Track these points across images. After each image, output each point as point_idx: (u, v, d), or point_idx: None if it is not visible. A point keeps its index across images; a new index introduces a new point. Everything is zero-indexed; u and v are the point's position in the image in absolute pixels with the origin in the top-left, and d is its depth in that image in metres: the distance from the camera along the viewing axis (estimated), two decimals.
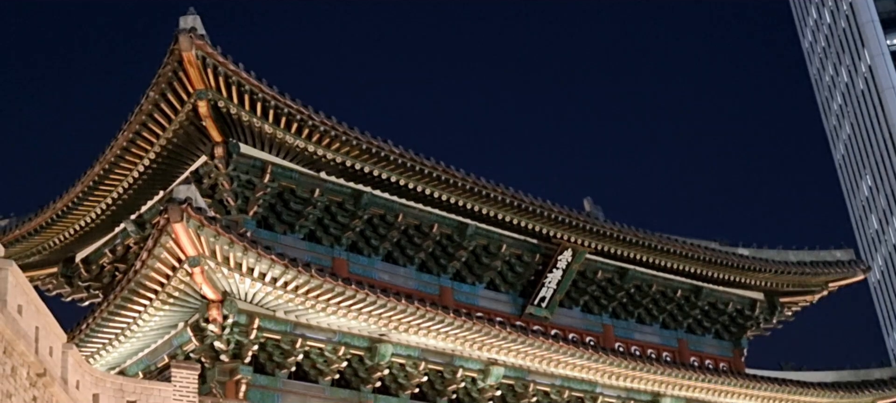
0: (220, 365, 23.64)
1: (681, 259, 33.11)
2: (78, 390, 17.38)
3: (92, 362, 24.53)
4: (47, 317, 15.83)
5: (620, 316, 33.90)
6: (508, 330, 26.12)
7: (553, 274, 31.23)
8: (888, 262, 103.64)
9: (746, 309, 36.45)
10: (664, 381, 30.01)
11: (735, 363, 36.13)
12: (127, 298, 22.86)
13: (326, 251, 27.69)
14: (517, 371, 28.22)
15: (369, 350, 25.74)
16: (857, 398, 34.96)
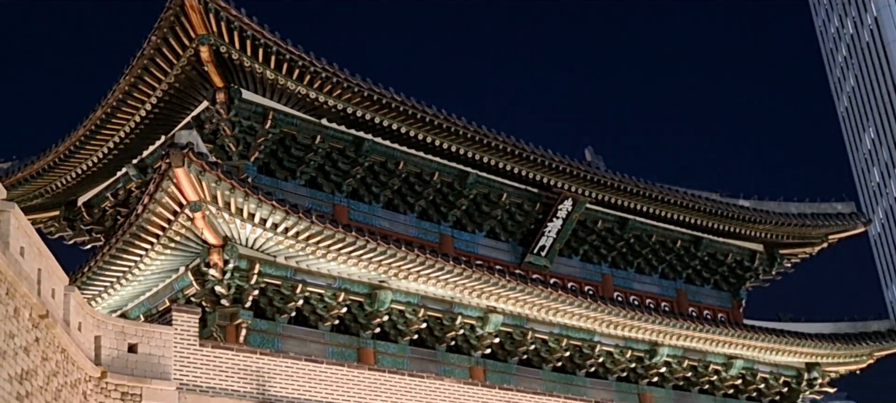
0: (221, 310, 23.82)
1: (681, 209, 33.17)
2: (80, 332, 17.54)
3: (94, 305, 24.72)
4: (49, 260, 15.93)
5: (620, 266, 34.04)
6: (508, 279, 26.27)
7: (553, 224, 31.31)
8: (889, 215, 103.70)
9: (746, 260, 36.58)
10: (662, 331, 30.22)
11: (733, 314, 36.34)
12: (128, 242, 22.98)
13: (327, 197, 27.77)
14: (516, 318, 28.42)
15: (369, 296, 25.91)
16: (855, 350, 35.20)
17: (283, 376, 21.08)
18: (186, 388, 19.57)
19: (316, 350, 24.95)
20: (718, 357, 32.97)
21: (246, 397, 20.32)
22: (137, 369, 18.94)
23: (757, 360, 33.89)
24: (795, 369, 35.17)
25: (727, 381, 33.66)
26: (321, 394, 21.44)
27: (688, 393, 33.22)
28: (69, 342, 16.41)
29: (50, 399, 14.86)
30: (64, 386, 15.81)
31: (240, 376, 20.44)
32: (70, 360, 16.57)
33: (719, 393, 33.89)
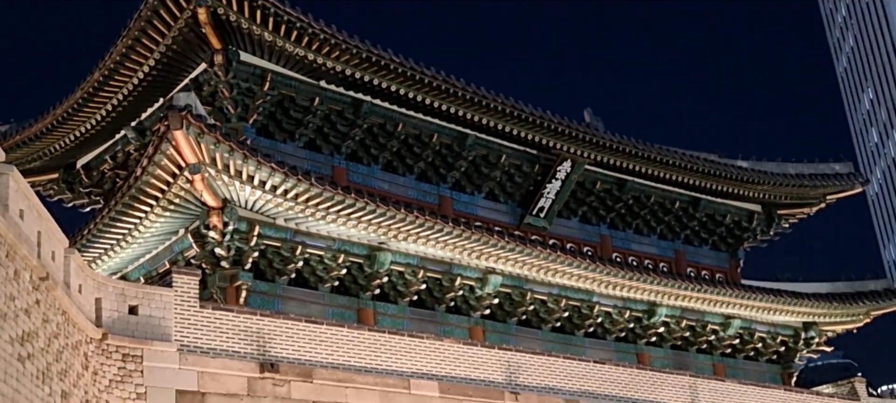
0: (221, 271, 23.89)
1: (680, 170, 33.21)
2: (80, 294, 17.59)
3: (94, 267, 24.78)
4: (49, 222, 15.95)
5: (618, 227, 34.11)
6: (506, 240, 26.33)
7: (552, 185, 31.34)
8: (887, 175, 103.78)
9: (744, 220, 36.66)
10: (660, 291, 30.34)
11: (731, 274, 36.48)
12: (128, 204, 23.00)
13: (326, 159, 27.77)
14: (515, 279, 28.52)
15: (368, 257, 25.98)
16: (852, 309, 35.37)
17: (284, 337, 21.19)
18: (187, 349, 19.67)
19: (316, 311, 25.05)
20: (716, 317, 33.14)
21: (246, 358, 20.44)
22: (138, 331, 19.03)
23: (754, 320, 34.07)
24: (793, 328, 35.36)
25: (725, 341, 33.86)
26: (321, 355, 21.56)
27: (686, 353, 33.42)
28: (70, 304, 16.47)
29: (51, 361, 14.94)
30: (65, 348, 15.89)
31: (240, 337, 20.54)
32: (71, 322, 16.64)
33: (717, 353, 34.10)
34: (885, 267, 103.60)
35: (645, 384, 27.22)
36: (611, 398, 26.21)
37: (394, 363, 22.61)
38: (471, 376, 23.77)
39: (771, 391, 30.38)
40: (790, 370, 36.01)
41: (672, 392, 27.68)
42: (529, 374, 24.87)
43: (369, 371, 22.08)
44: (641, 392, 26.98)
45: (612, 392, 26.32)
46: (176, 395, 19.13)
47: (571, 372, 25.75)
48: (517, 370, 24.68)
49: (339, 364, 21.73)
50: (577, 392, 25.58)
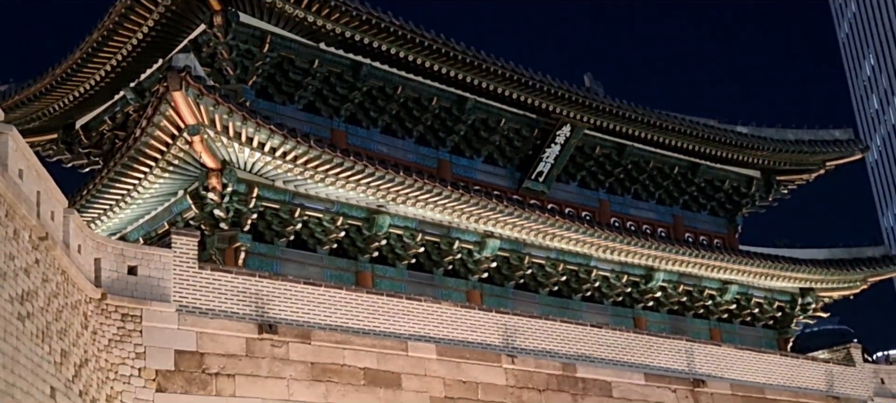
0: (220, 233, 23.94)
1: (679, 135, 33.20)
2: (79, 254, 17.66)
3: (93, 227, 24.84)
4: (48, 182, 15.98)
5: (617, 192, 34.16)
6: (505, 204, 26.38)
7: (551, 149, 31.35)
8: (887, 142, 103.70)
9: (743, 186, 36.70)
10: (658, 256, 30.42)
11: (729, 240, 36.56)
12: (127, 165, 23.02)
13: (325, 122, 27.76)
14: (513, 243, 28.60)
15: (367, 220, 26.04)
16: (849, 275, 35.48)
17: (282, 298, 21.29)
18: (186, 310, 19.78)
19: (314, 273, 25.14)
20: (713, 283, 33.27)
21: (245, 319, 20.55)
22: (137, 291, 19.12)
23: (752, 285, 34.20)
24: (790, 294, 35.51)
25: (722, 306, 34.01)
26: (320, 317, 21.68)
27: (682, 318, 33.57)
28: (69, 264, 16.54)
29: (51, 320, 15.03)
30: (64, 307, 15.98)
31: (239, 298, 20.63)
32: (70, 282, 16.71)
33: (714, 318, 34.26)
34: (883, 233, 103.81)
35: (641, 348, 27.38)
36: (607, 361, 26.37)
37: (391, 325, 22.73)
38: (468, 339, 23.91)
39: (767, 356, 30.57)
40: (786, 335, 36.20)
41: (668, 357, 27.85)
42: (526, 337, 25.02)
43: (367, 333, 22.20)
44: (638, 357, 27.15)
45: (609, 356, 26.48)
46: (174, 355, 19.26)
47: (568, 336, 25.89)
48: (514, 333, 24.82)
49: (337, 325, 21.85)
50: (573, 355, 25.74)
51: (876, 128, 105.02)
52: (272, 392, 20.28)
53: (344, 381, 21.36)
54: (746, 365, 29.55)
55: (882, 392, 32.57)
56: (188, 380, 19.26)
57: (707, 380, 28.17)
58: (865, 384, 32.34)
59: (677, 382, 27.54)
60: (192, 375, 19.37)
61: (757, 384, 29.46)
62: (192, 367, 19.42)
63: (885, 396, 32.45)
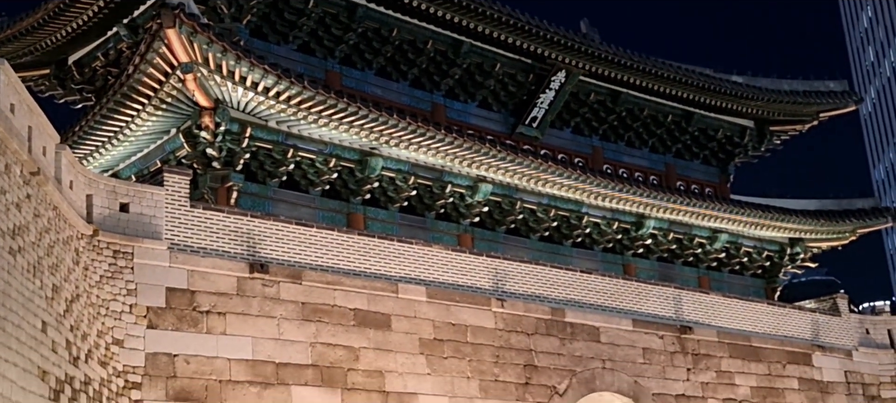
0: (212, 172, 23.95)
1: (674, 84, 33.15)
2: (71, 190, 17.67)
3: (85, 164, 24.82)
4: (40, 117, 15.95)
5: (610, 139, 34.17)
6: (498, 148, 26.40)
7: (546, 95, 31.30)
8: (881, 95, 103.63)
9: (736, 136, 36.73)
10: (649, 204, 30.55)
11: (721, 189, 36.68)
12: (119, 102, 22.95)
13: (320, 63, 27.65)
14: (505, 188, 28.66)
15: (360, 162, 26.05)
16: (838, 226, 35.68)
17: (274, 238, 21.36)
18: (177, 248, 19.84)
19: (306, 214, 25.20)
20: (704, 231, 33.44)
21: (236, 258, 20.63)
22: (129, 228, 19.16)
23: (741, 235, 34.39)
24: (779, 244, 35.72)
25: (711, 254, 34.21)
26: (311, 257, 21.77)
27: (671, 265, 33.78)
28: (61, 199, 16.56)
29: (42, 255, 15.09)
30: (56, 243, 16.03)
31: (230, 237, 20.70)
32: (62, 217, 16.75)
33: (703, 266, 34.48)
34: (873, 186, 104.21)
35: (630, 294, 27.59)
36: (596, 307, 26.58)
37: (382, 267, 22.85)
38: (458, 282, 24.06)
39: (754, 304, 30.83)
40: (774, 285, 36.47)
41: (656, 303, 28.07)
42: (516, 282, 25.18)
43: (358, 274, 22.33)
44: (626, 303, 27.37)
45: (598, 302, 26.69)
46: (166, 292, 19.37)
47: (557, 281, 26.06)
48: (504, 277, 24.97)
49: (329, 266, 21.96)
50: (562, 300, 25.94)
51: (871, 80, 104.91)
52: (263, 331, 20.44)
53: (334, 321, 21.52)
54: (733, 313, 29.81)
55: (867, 342, 32.93)
56: (179, 318, 19.39)
57: (694, 327, 28.44)
58: (850, 334, 32.68)
59: (665, 328, 27.79)
60: (183, 312, 19.49)
61: (743, 331, 29.75)
62: (183, 305, 19.54)
63: (869, 346, 32.81)
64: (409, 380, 22.18)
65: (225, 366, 19.68)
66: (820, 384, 30.90)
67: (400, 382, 22.03)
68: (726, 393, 28.43)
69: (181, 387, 18.94)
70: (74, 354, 15.61)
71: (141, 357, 18.55)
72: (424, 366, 22.57)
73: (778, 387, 29.78)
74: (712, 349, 28.65)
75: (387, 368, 21.93)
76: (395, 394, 21.85)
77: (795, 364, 30.55)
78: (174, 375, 18.93)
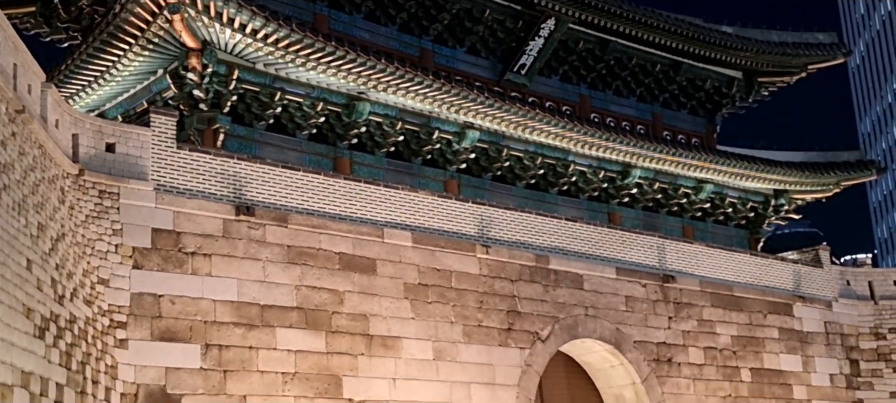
0: (199, 114, 23.91)
1: (663, 33, 33.09)
2: (57, 129, 17.63)
3: (71, 103, 24.72)
4: (25, 55, 15.86)
5: (598, 88, 34.17)
6: (486, 95, 26.39)
7: (535, 42, 31.22)
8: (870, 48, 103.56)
9: (724, 86, 36.77)
10: (635, 153, 30.65)
11: (707, 139, 36.79)
12: (106, 42, 22.83)
13: (308, 6, 27.47)
14: (492, 135, 28.70)
15: (347, 107, 26.03)
16: (823, 179, 35.91)
17: (260, 181, 21.39)
18: (163, 189, 19.86)
19: (293, 157, 25.21)
20: (689, 181, 33.61)
21: (222, 200, 20.67)
22: (115, 168, 19.15)
23: (726, 185, 34.59)
24: (763, 195, 35.95)
25: (696, 204, 34.41)
26: (297, 201, 21.82)
27: (656, 215, 33.99)
28: (46, 138, 16.53)
29: (27, 194, 15.09)
30: (41, 181, 16.03)
31: (217, 179, 20.72)
32: (47, 156, 16.73)
33: (687, 216, 34.70)
34: (859, 139, 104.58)
35: (614, 243, 27.76)
36: (579, 255, 26.76)
37: (368, 212, 22.93)
38: (444, 228, 24.17)
39: (737, 255, 31.07)
40: (757, 236, 36.77)
41: (640, 252, 28.27)
42: (501, 228, 25.31)
43: (343, 218, 22.41)
44: (610, 251, 27.55)
45: (582, 250, 26.86)
46: (151, 233, 19.41)
47: (542, 228, 26.20)
48: (490, 224, 25.09)
49: (314, 210, 22.02)
50: (547, 247, 26.10)
51: (860, 33, 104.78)
52: (248, 274, 20.54)
53: (319, 265, 21.63)
54: (716, 263, 30.06)
55: (847, 293, 33.29)
56: (165, 258, 19.47)
57: (677, 276, 28.68)
58: (831, 285, 33.02)
59: (648, 277, 28.03)
60: (169, 253, 19.57)
61: (725, 281, 30.02)
62: (169, 246, 19.61)
63: (849, 297, 33.18)
64: (393, 324, 22.37)
65: (210, 307, 19.80)
66: (800, 334, 31.28)
67: (384, 326, 22.21)
68: (707, 342, 28.77)
69: (166, 327, 19.07)
70: (59, 292, 15.68)
71: (126, 296, 18.64)
72: (408, 311, 22.74)
73: (758, 337, 30.15)
74: (694, 298, 28.93)
75: (371, 312, 22.09)
76: (378, 338, 22.04)
77: (776, 314, 30.89)
78: (159, 315, 19.05)
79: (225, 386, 19.53)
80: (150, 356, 18.68)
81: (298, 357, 20.71)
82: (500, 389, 23.82)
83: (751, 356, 29.67)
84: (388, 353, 22.09)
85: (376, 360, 21.84)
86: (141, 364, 18.51)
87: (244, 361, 19.93)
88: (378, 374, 21.77)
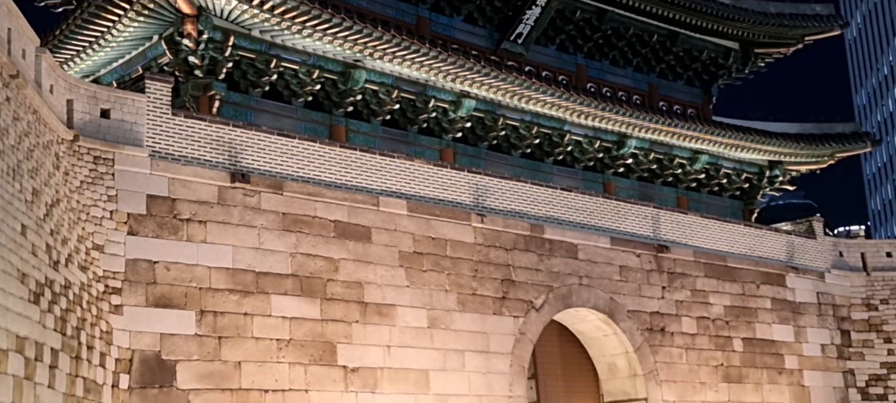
0: (194, 80, 23.84)
1: (660, 3, 33.00)
2: (52, 94, 17.58)
3: (66, 69, 24.63)
4: (19, 19, 15.79)
5: (595, 57, 34.11)
6: (482, 64, 26.34)
7: (532, 11, 31.10)
8: (867, 20, 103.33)
9: (720, 57, 36.72)
10: (631, 123, 30.66)
11: (703, 110, 36.78)
12: (101, 7, 22.72)
13: None
14: (488, 104, 28.67)
15: (343, 74, 25.97)
16: (818, 150, 35.96)
17: (256, 148, 21.38)
18: (159, 155, 19.84)
19: (289, 125, 25.19)
20: (684, 152, 33.64)
21: (218, 167, 20.65)
22: (110, 134, 19.12)
23: (722, 156, 34.63)
24: (758, 166, 36.00)
25: (691, 175, 34.46)
26: (292, 168, 21.82)
27: (651, 185, 34.04)
28: (41, 103, 16.49)
29: (22, 159, 15.07)
30: (36, 147, 16.01)
31: (212, 146, 20.70)
32: (42, 122, 16.70)
33: (682, 186, 34.76)
34: (855, 111, 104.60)
35: (609, 212, 27.82)
36: (574, 224, 26.82)
37: (364, 180, 22.94)
38: (439, 196, 24.19)
39: (731, 225, 31.17)
40: (752, 206, 36.86)
41: (635, 222, 28.34)
42: (497, 198, 25.34)
43: (339, 186, 22.42)
44: (605, 221, 27.61)
45: (577, 219, 26.91)
46: (146, 200, 19.42)
47: (537, 198, 26.24)
48: (485, 193, 25.12)
49: (310, 178, 22.02)
50: (542, 217, 26.15)
51: (857, 5, 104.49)
52: (243, 240, 20.57)
53: (314, 233, 21.66)
54: (710, 233, 30.14)
55: (839, 264, 33.43)
56: (160, 225, 19.48)
57: (671, 246, 28.77)
58: (824, 256, 33.15)
59: (642, 247, 28.11)
60: (164, 220, 19.58)
61: (719, 252, 30.12)
62: (164, 212, 19.62)
63: (842, 268, 33.33)
64: (387, 292, 22.44)
65: (205, 274, 19.84)
66: (792, 304, 31.43)
67: (379, 293, 22.28)
68: (700, 312, 28.90)
69: (161, 294, 19.11)
70: (54, 258, 15.70)
71: (121, 262, 18.67)
72: (403, 279, 22.81)
73: (751, 307, 30.29)
74: (688, 268, 29.04)
75: (366, 279, 22.15)
76: (373, 305, 22.11)
77: (769, 285, 31.02)
78: (154, 281, 19.08)
79: (220, 353, 19.61)
80: (145, 322, 18.74)
81: (293, 324, 20.79)
82: (494, 357, 23.94)
83: (743, 326, 29.83)
84: (383, 321, 22.17)
85: (371, 328, 21.92)
86: (136, 330, 18.57)
87: (239, 328, 20.00)
88: (372, 341, 21.86)
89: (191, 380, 19.09)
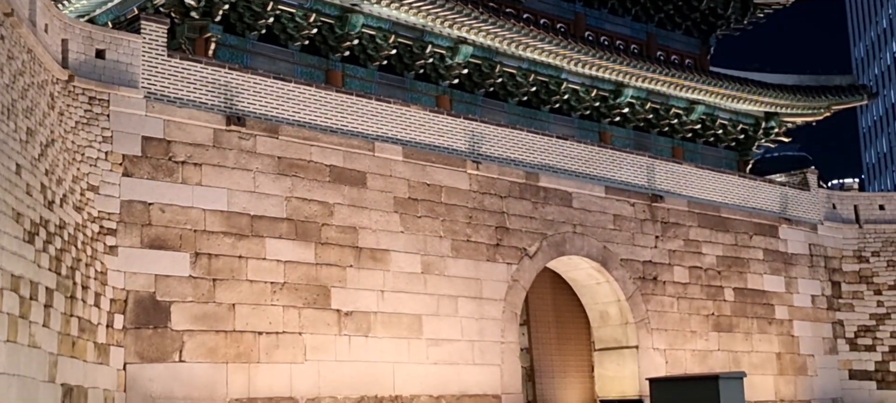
0: (190, 22, 23.71)
1: None
2: (46, 33, 17.50)
3: (60, 8, 24.45)
4: None
5: (593, 5, 33.91)
6: (480, 10, 26.20)
7: None
8: None
9: (719, 7, 36.52)
10: (628, 72, 30.58)
11: (701, 60, 36.67)
12: None
13: None
14: (485, 51, 28.56)
15: (340, 18, 25.83)
16: (814, 102, 35.92)
17: (252, 92, 21.33)
18: (154, 97, 19.80)
19: (285, 69, 25.10)
20: (681, 102, 33.60)
21: (213, 109, 20.63)
22: (105, 75, 19.07)
23: (718, 107, 34.59)
24: (754, 117, 35.98)
25: (687, 125, 34.45)
26: (288, 112, 21.79)
27: (647, 135, 34.03)
28: (36, 43, 16.42)
29: (16, 98, 15.04)
30: (31, 86, 15.96)
31: (208, 89, 20.65)
32: (37, 61, 16.63)
33: (678, 136, 34.76)
34: (852, 64, 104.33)
35: (604, 161, 27.86)
36: (569, 173, 26.87)
37: (359, 125, 22.92)
38: (434, 143, 24.20)
39: (725, 176, 31.25)
40: (747, 158, 36.90)
41: (630, 171, 28.39)
42: (492, 145, 25.35)
43: (334, 131, 22.40)
44: (600, 170, 27.66)
45: (572, 168, 26.96)
46: (142, 141, 19.42)
47: (533, 146, 26.25)
48: (480, 140, 25.12)
49: (305, 122, 22.00)
50: (537, 165, 26.18)
51: None
52: (238, 184, 20.60)
53: (310, 177, 21.69)
54: (704, 184, 30.22)
55: (833, 216, 33.57)
56: (155, 167, 19.49)
57: (665, 196, 28.85)
58: (817, 208, 33.28)
59: (636, 196, 28.19)
60: (159, 162, 19.59)
61: (713, 202, 30.23)
62: (159, 154, 19.62)
63: (834, 220, 33.48)
64: (382, 237, 22.52)
65: (200, 216, 19.90)
66: (784, 255, 31.61)
67: (373, 239, 22.37)
68: (693, 261, 29.06)
69: (156, 235, 19.18)
70: (49, 198, 15.73)
71: (116, 203, 18.72)
72: (398, 224, 22.89)
73: (743, 257, 30.45)
74: (682, 218, 29.15)
75: (361, 224, 22.23)
76: (368, 250, 22.21)
77: (762, 236, 31.17)
78: (149, 223, 19.14)
79: (214, 294, 19.73)
80: (140, 263, 18.83)
81: (287, 267, 20.89)
82: (487, 303, 24.10)
83: (735, 276, 30.02)
84: (377, 266, 22.28)
85: (365, 272, 22.04)
86: (130, 271, 18.66)
87: (233, 270, 20.10)
88: (366, 286, 21.99)
89: (185, 321, 19.23)
